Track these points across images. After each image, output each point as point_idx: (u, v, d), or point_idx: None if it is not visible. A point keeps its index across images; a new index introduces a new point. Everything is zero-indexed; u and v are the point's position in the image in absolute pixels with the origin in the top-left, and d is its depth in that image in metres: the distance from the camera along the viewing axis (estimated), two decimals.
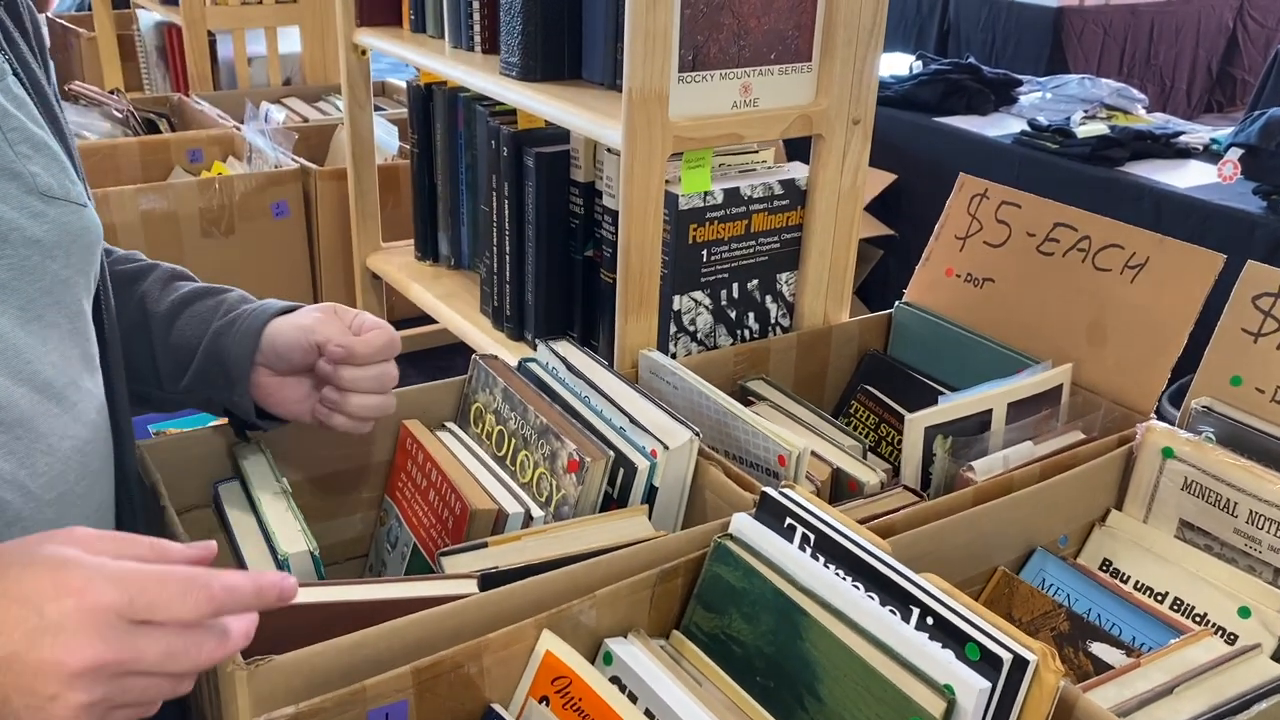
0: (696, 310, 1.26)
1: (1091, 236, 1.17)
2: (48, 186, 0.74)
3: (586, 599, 0.80)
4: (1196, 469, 1.00)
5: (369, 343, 0.90)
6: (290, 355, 0.90)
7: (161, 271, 0.97)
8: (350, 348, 0.88)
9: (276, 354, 0.90)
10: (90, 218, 0.78)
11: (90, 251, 0.78)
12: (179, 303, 0.94)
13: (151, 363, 0.93)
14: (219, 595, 0.58)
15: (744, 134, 1.19)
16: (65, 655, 0.55)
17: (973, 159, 3.13)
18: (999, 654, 0.67)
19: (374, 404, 0.91)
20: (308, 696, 0.69)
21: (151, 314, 0.93)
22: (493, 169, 1.44)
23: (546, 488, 0.98)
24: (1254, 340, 1.04)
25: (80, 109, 2.32)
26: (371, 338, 0.90)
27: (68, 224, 0.75)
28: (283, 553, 0.87)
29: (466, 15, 1.46)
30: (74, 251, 0.76)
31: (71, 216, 0.75)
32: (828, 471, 1.06)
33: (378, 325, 0.92)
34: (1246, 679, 0.81)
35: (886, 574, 0.75)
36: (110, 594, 0.56)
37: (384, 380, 0.92)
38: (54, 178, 0.74)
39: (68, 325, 0.76)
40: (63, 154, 0.77)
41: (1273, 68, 4.67)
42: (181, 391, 0.93)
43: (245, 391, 0.91)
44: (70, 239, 0.75)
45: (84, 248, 0.77)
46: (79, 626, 0.55)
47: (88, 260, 0.78)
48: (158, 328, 0.92)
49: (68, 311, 0.76)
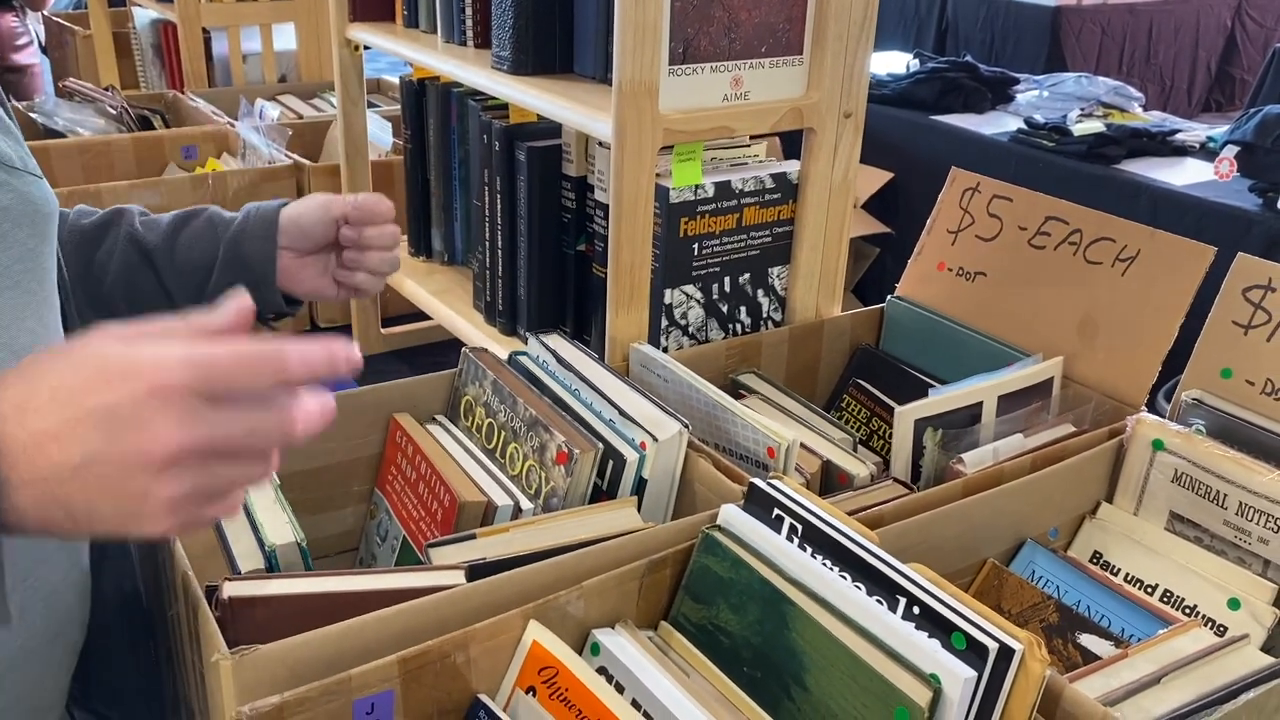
0: (688, 304, 1.25)
1: (1083, 230, 1.17)
2: (7, 156, 0.73)
3: (574, 590, 0.80)
4: (1187, 461, 1.00)
5: (381, 200, 1.02)
6: (314, 231, 1.01)
7: (130, 213, 1.04)
8: (370, 206, 1.00)
9: (302, 233, 1.01)
10: (46, 188, 0.78)
11: (50, 222, 0.78)
12: (170, 231, 1.02)
13: (162, 291, 1.01)
14: (294, 362, 0.54)
15: (735, 127, 1.19)
16: (150, 444, 0.51)
17: (969, 157, 3.13)
18: (985, 643, 0.67)
19: (391, 258, 1.03)
20: (293, 686, 0.68)
21: (151, 249, 1.01)
22: (485, 164, 1.44)
23: (536, 480, 0.98)
24: (1244, 333, 1.04)
25: (75, 105, 2.32)
26: (378, 199, 1.02)
27: (29, 193, 0.75)
28: (270, 544, 0.87)
29: (459, 10, 1.46)
30: (38, 221, 0.76)
31: (32, 186, 0.75)
32: (817, 464, 1.06)
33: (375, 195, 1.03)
34: (1234, 669, 0.81)
35: (873, 564, 0.75)
36: (182, 374, 0.52)
37: (395, 236, 1.03)
38: (11, 148, 0.74)
39: (40, 293, 0.76)
40: (14, 126, 0.77)
41: (1270, 66, 4.67)
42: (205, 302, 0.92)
43: (274, 284, 1.01)
44: (33, 208, 0.75)
45: (45, 218, 0.77)
46: (157, 412, 0.51)
47: (50, 230, 0.78)
48: (161, 259, 1.00)
49: (38, 279, 0.76)
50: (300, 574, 0.86)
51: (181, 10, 2.63)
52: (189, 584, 0.77)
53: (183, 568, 0.79)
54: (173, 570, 0.82)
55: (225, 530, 0.91)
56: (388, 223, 1.02)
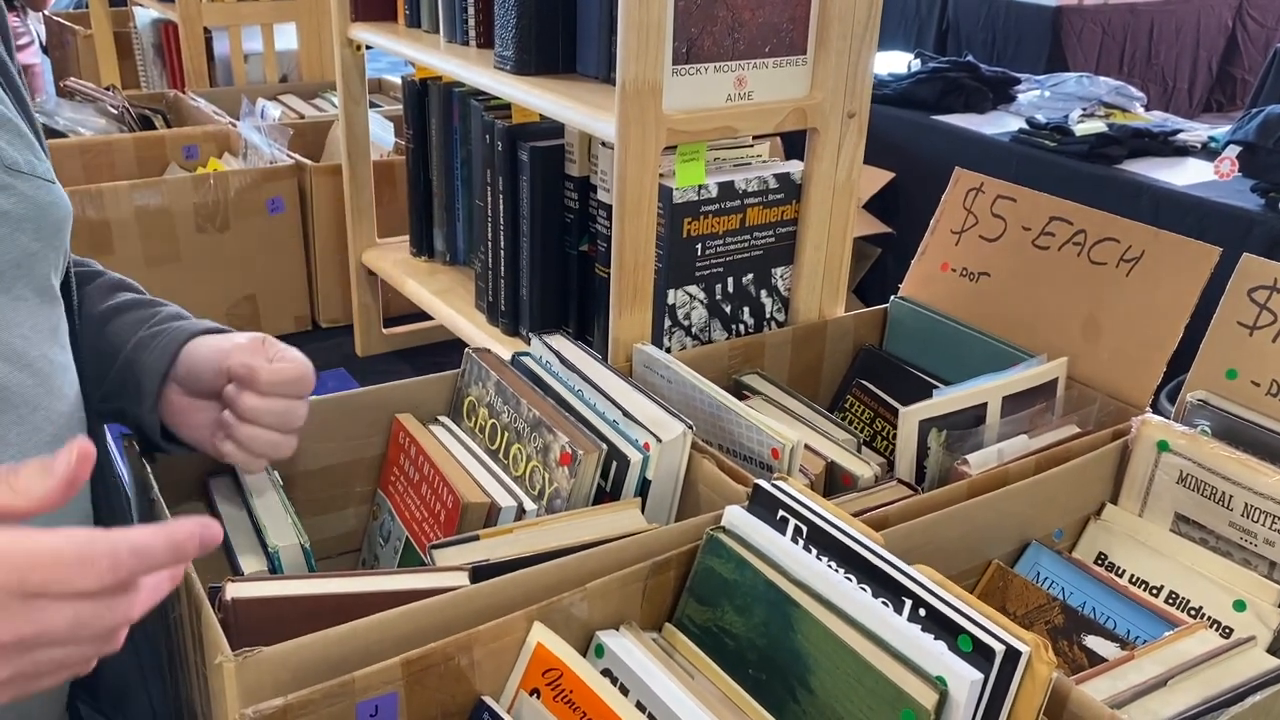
0: (691, 304, 1.25)
1: (1087, 230, 1.17)
2: (13, 161, 0.73)
3: (578, 591, 0.79)
4: (1192, 462, 1.00)
5: (276, 372, 0.84)
6: (201, 374, 0.86)
7: (108, 279, 0.95)
8: (254, 371, 0.83)
9: (189, 371, 0.86)
10: (58, 194, 0.78)
11: (60, 228, 0.78)
12: (112, 310, 0.90)
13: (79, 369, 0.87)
14: (125, 562, 0.54)
15: (738, 127, 1.19)
16: None
17: (971, 157, 3.13)
18: (991, 645, 0.67)
19: (267, 440, 0.85)
20: (297, 688, 0.68)
21: (86, 317, 0.89)
22: (487, 164, 1.44)
23: (539, 481, 0.98)
24: (1249, 333, 1.04)
25: (76, 105, 2.31)
26: (281, 368, 0.84)
27: (35, 197, 0.74)
28: (273, 546, 0.87)
29: (461, 9, 1.45)
30: (44, 225, 0.75)
31: (39, 191, 0.75)
32: (822, 465, 1.06)
33: (296, 360, 0.86)
34: (1241, 671, 0.81)
35: (879, 566, 0.75)
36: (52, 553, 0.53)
37: (287, 418, 0.85)
38: (19, 153, 0.74)
39: (36, 299, 0.76)
40: (28, 131, 0.76)
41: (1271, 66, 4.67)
42: (100, 400, 0.87)
43: (154, 407, 0.87)
44: (39, 212, 0.75)
45: (53, 223, 0.76)
46: None
47: (57, 236, 0.78)
48: (88, 333, 0.88)
49: (36, 286, 0.76)
50: (304, 575, 0.86)
51: (183, 10, 2.62)
52: (192, 585, 0.77)
53: (185, 569, 0.78)
54: None
55: (228, 532, 0.91)
56: (280, 397, 0.84)
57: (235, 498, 0.95)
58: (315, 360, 0.89)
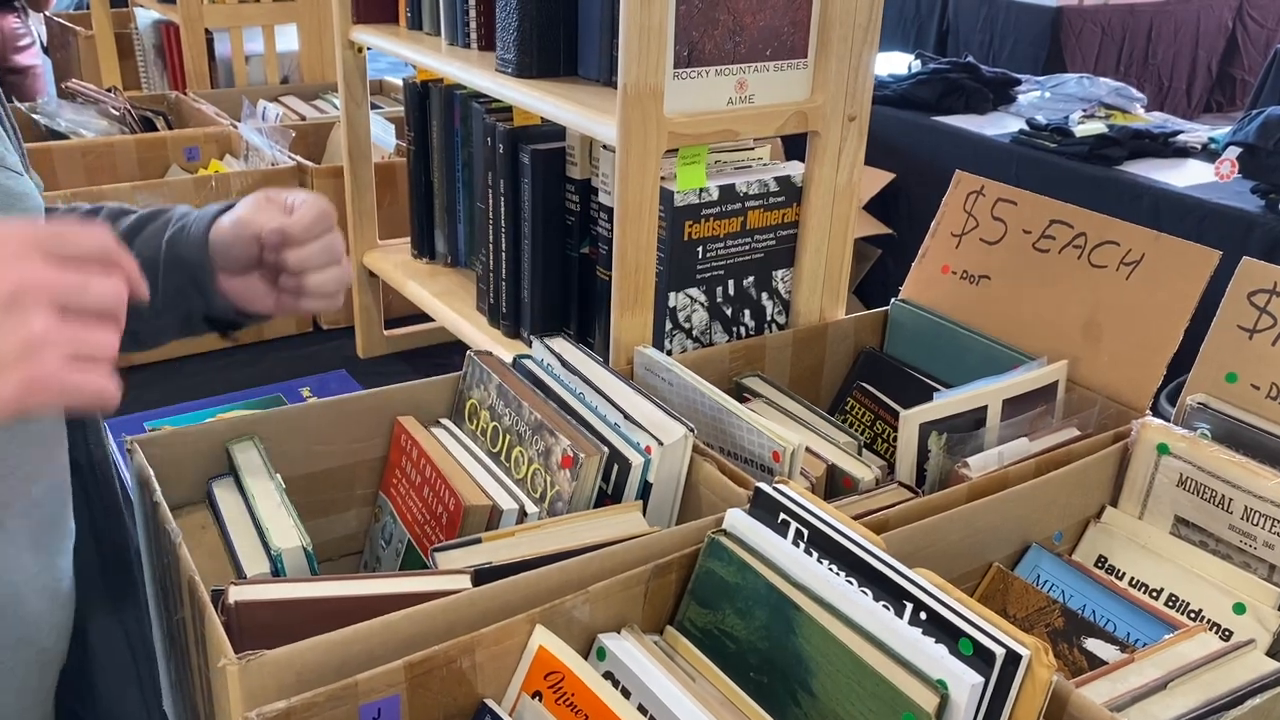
0: (692, 307, 1.25)
1: (1087, 233, 1.17)
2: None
3: (580, 594, 0.79)
4: (1192, 465, 1.00)
5: (301, 220, 0.87)
6: (233, 252, 0.89)
7: (110, 208, 0.97)
8: (284, 230, 0.87)
9: (223, 255, 0.89)
10: (29, 185, 0.78)
11: (31, 219, 0.78)
12: (131, 229, 0.93)
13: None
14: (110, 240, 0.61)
15: (739, 130, 1.19)
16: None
17: (971, 158, 3.13)
18: (992, 649, 0.67)
19: (331, 277, 0.90)
20: (300, 691, 0.68)
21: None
22: (489, 166, 1.44)
23: (541, 484, 0.98)
24: (1249, 337, 1.04)
25: (77, 106, 2.32)
26: (302, 214, 0.88)
27: (7, 187, 0.75)
28: (276, 548, 0.87)
29: (463, 12, 1.46)
30: (14, 216, 0.75)
31: (10, 181, 0.75)
32: (822, 468, 1.06)
33: (309, 200, 0.90)
34: (1240, 674, 0.81)
35: (880, 569, 0.75)
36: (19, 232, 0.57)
37: (331, 252, 0.89)
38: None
39: None
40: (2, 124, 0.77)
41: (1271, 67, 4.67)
42: (158, 313, 0.90)
43: (217, 292, 0.91)
44: (10, 200, 0.75)
45: (23, 213, 0.77)
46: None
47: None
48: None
49: None
50: (306, 578, 0.86)
51: (184, 11, 2.63)
52: (195, 588, 0.77)
53: (189, 572, 0.79)
54: (179, 574, 0.82)
55: (231, 535, 0.92)
56: (315, 239, 0.88)
57: (238, 501, 0.95)
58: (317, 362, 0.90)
